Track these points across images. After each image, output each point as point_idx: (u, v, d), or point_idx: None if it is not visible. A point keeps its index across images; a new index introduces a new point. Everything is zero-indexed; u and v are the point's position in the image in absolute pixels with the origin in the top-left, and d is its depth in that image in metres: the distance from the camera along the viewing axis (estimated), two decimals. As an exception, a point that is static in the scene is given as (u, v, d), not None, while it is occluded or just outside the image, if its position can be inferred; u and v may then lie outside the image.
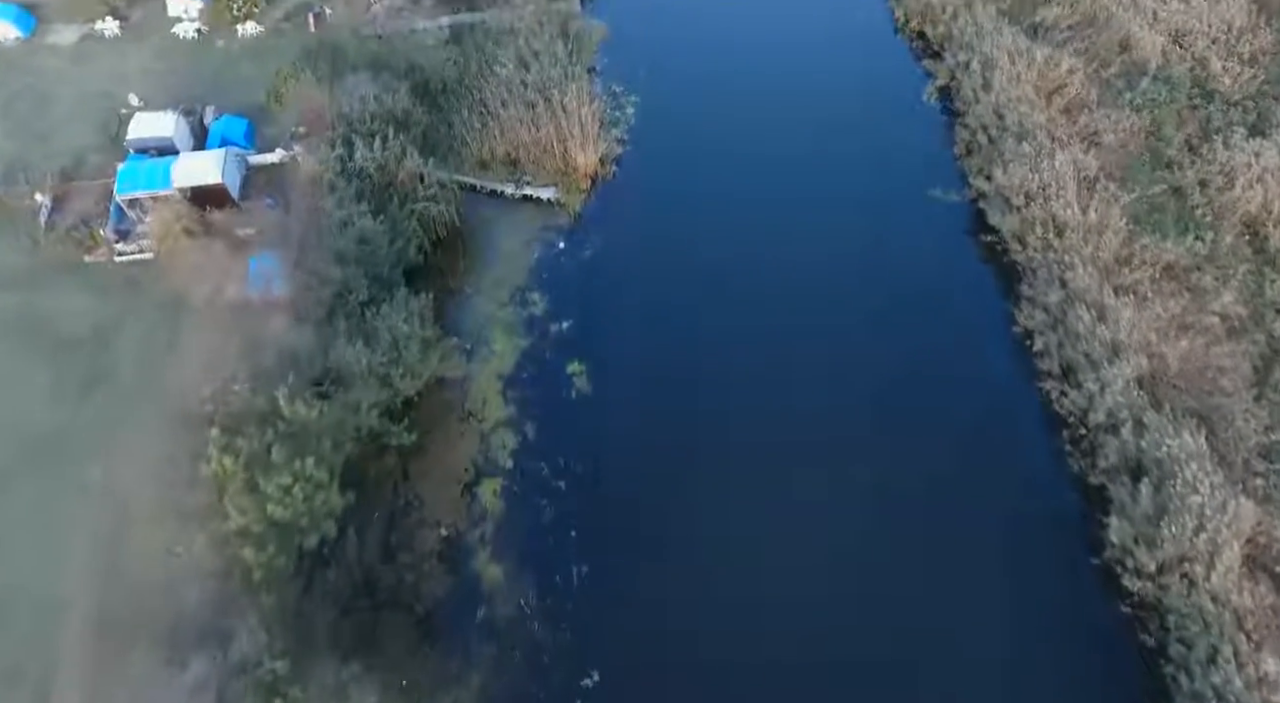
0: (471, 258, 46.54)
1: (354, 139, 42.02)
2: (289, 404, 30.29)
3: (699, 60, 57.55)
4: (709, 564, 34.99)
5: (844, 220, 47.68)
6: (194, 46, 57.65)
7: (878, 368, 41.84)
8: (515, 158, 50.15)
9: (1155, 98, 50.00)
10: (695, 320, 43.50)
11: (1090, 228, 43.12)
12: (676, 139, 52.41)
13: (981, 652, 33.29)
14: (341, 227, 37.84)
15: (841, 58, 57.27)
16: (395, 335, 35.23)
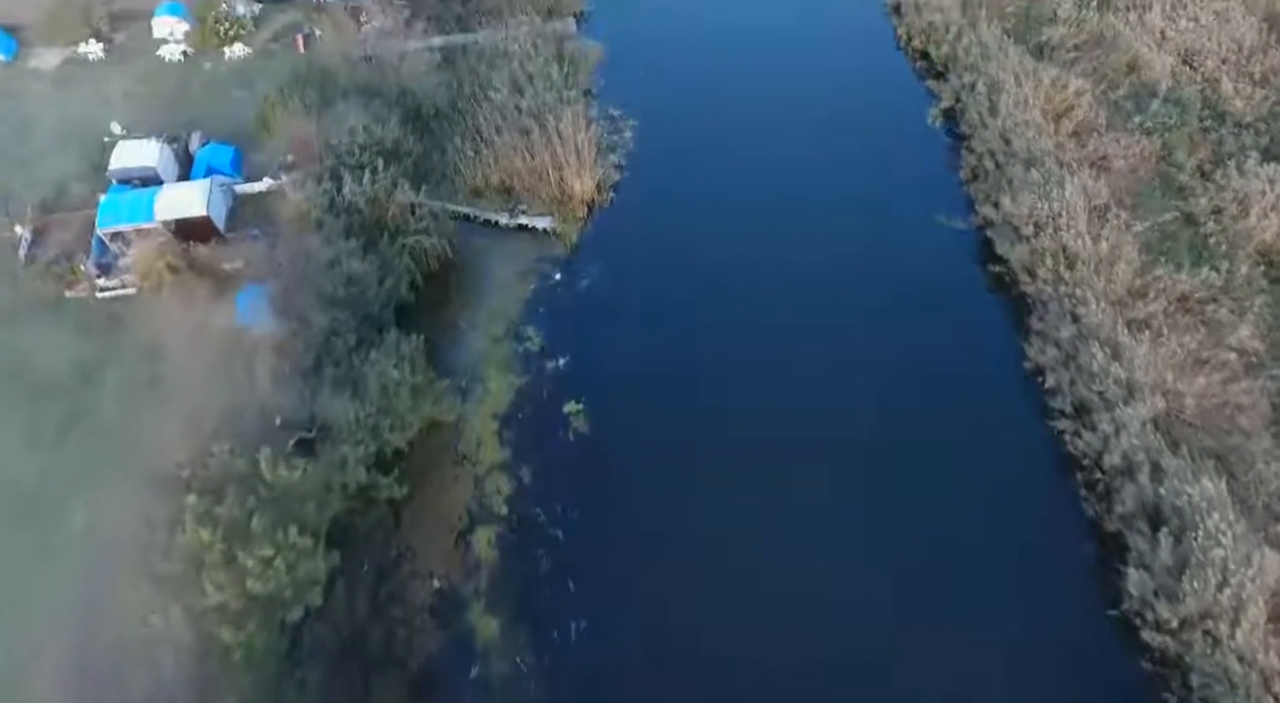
0: (465, 291, 45.16)
1: (343, 172, 40.65)
2: (271, 467, 28.92)
3: (699, 81, 56.24)
4: (714, 622, 33.59)
5: (849, 249, 46.35)
6: (180, 69, 56.27)
7: (887, 403, 40.41)
8: (510, 185, 48.84)
9: (1165, 121, 48.79)
10: (696, 356, 42.13)
11: (1102, 259, 41.90)
12: (676, 165, 51.11)
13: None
14: (329, 267, 36.50)
15: (844, 78, 55.96)
16: (385, 383, 33.89)
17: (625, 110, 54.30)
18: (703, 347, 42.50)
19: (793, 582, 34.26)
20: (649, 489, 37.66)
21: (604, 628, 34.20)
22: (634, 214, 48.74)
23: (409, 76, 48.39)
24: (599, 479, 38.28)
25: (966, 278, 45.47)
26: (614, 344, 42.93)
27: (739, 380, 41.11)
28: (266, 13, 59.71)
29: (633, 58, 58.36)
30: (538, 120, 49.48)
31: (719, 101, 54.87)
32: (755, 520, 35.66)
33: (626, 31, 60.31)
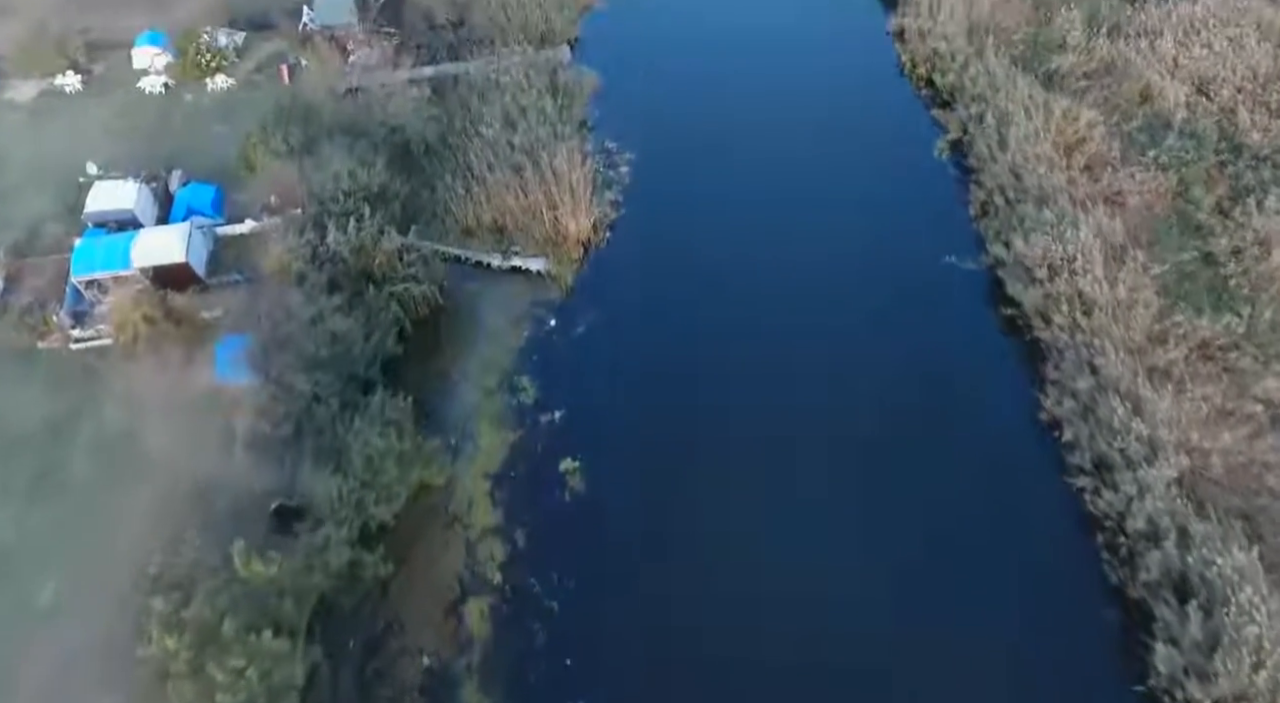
0: (456, 339, 43.34)
1: (326, 221, 38.82)
2: (245, 561, 27.07)
3: (696, 111, 54.53)
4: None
5: (856, 290, 44.53)
6: (161, 102, 54.46)
7: (897, 455, 38.69)
8: (503, 225, 47.03)
9: (1181, 155, 47.13)
10: (696, 409, 40.21)
11: (1120, 305, 40.23)
12: (674, 202, 49.29)
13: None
14: (311, 325, 34.67)
15: (847, 107, 54.24)
16: (370, 453, 32.09)
17: (621, 143, 52.53)
18: (703, 399, 40.63)
19: (806, 663, 32.58)
20: (649, 555, 35.77)
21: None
22: (631, 255, 46.93)
23: (397, 112, 46.56)
24: (596, 544, 36.44)
25: (978, 322, 43.70)
26: (611, 395, 41.06)
27: (742, 437, 39.26)
28: (250, 42, 57.98)
29: (629, 87, 56.60)
30: (531, 157, 47.69)
31: (717, 132, 53.12)
32: (766, 595, 33.88)
33: (622, 59, 58.56)
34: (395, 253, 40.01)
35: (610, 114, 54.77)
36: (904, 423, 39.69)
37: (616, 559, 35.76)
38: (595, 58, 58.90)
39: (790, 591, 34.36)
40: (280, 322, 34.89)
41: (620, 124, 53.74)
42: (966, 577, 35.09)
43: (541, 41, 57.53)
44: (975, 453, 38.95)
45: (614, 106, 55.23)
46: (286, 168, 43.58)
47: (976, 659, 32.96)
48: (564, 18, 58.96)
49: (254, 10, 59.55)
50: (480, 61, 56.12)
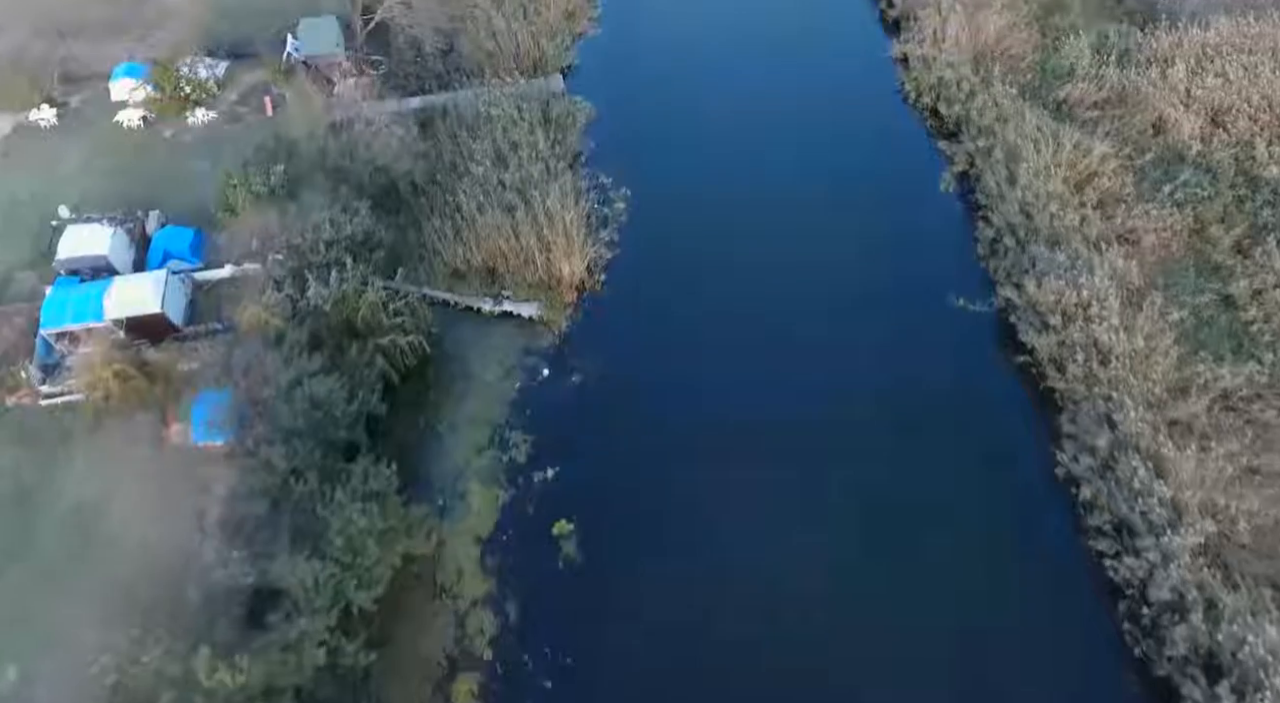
0: (444, 390, 41.48)
1: (307, 273, 37.00)
2: (209, 671, 25.19)
3: (695, 142, 52.68)
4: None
5: (862, 336, 42.62)
6: (139, 137, 52.46)
7: (909, 512, 36.95)
8: (493, 267, 45.19)
9: (1197, 191, 45.46)
10: (695, 464, 38.45)
11: (1137, 355, 38.54)
12: (672, 239, 47.40)
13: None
14: (290, 389, 32.83)
15: (850, 138, 52.47)
16: (351, 531, 30.25)
17: (617, 177, 50.58)
18: (701, 454, 38.89)
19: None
20: (646, 626, 34.10)
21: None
22: (627, 299, 45.09)
23: (382, 149, 44.69)
24: (591, 615, 34.61)
25: (989, 369, 41.92)
26: (607, 451, 39.21)
27: (745, 495, 37.43)
28: (233, 72, 56.02)
29: (624, 116, 54.75)
30: (523, 195, 45.87)
31: (716, 165, 51.31)
32: (771, 652, 32.08)
33: (618, 86, 56.74)
34: (380, 303, 38.19)
35: (605, 146, 52.95)
36: (915, 479, 37.94)
37: (613, 632, 33.97)
38: (590, 85, 57.06)
39: (804, 664, 32.76)
40: (256, 387, 33.05)
41: (616, 157, 51.90)
42: (980, 644, 33.45)
43: (534, 69, 55.73)
44: (990, 512, 37.15)
45: (609, 138, 53.42)
46: (267, 211, 41.77)
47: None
48: (556, 44, 57.18)
49: (236, 38, 57.62)
50: (470, 91, 54.33)
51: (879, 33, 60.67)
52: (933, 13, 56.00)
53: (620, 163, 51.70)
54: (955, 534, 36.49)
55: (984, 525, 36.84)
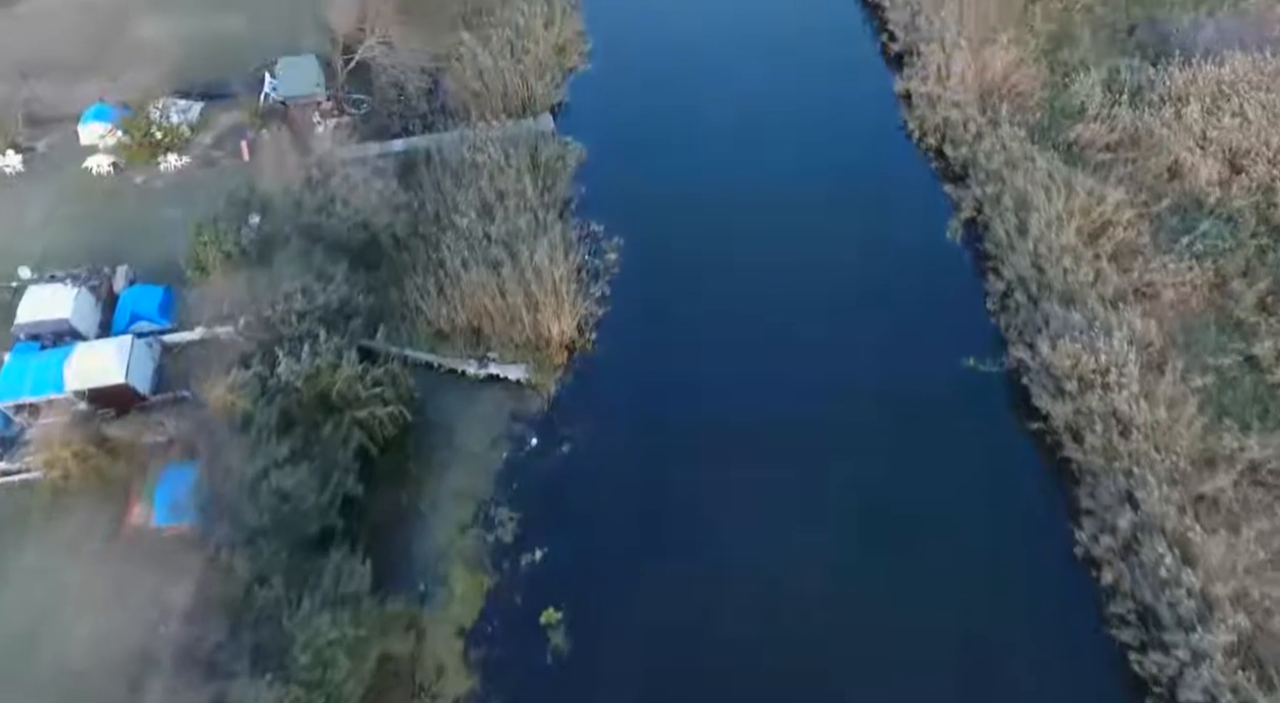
0: (426, 462, 39.16)
1: (277, 350, 34.78)
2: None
3: (690, 186, 50.20)
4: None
5: (868, 398, 40.23)
6: (109, 185, 50.21)
7: (921, 596, 34.79)
8: (479, 326, 42.94)
9: (1217, 242, 43.39)
10: (694, 543, 36.42)
11: (1159, 427, 36.41)
12: (667, 294, 45.11)
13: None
14: (256, 483, 30.57)
15: (852, 181, 50.09)
16: (319, 644, 27.99)
17: (609, 225, 48.34)
18: (700, 532, 36.77)
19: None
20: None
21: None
22: (620, 360, 42.77)
23: (361, 204, 42.42)
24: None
25: (1001, 436, 39.66)
26: (599, 530, 36.96)
27: (744, 579, 35.44)
28: (208, 113, 53.67)
29: (617, 157, 52.45)
30: (509, 250, 43.61)
31: (712, 211, 48.90)
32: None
33: (610, 126, 54.46)
34: (357, 375, 35.95)
35: (597, 190, 50.67)
36: (927, 556, 35.82)
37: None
38: (581, 124, 54.78)
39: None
40: (219, 480, 30.82)
41: (608, 202, 49.65)
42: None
43: (523, 109, 53.47)
44: (1007, 595, 34.93)
45: (601, 182, 51.14)
46: (238, 272, 39.56)
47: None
48: (546, 82, 54.81)
49: (212, 78, 55.33)
50: (456, 133, 52.08)
51: (881, 67, 58.38)
52: (936, 48, 53.78)
53: (612, 208, 49.50)
54: (970, 619, 34.32)
55: (1000, 610, 34.56)
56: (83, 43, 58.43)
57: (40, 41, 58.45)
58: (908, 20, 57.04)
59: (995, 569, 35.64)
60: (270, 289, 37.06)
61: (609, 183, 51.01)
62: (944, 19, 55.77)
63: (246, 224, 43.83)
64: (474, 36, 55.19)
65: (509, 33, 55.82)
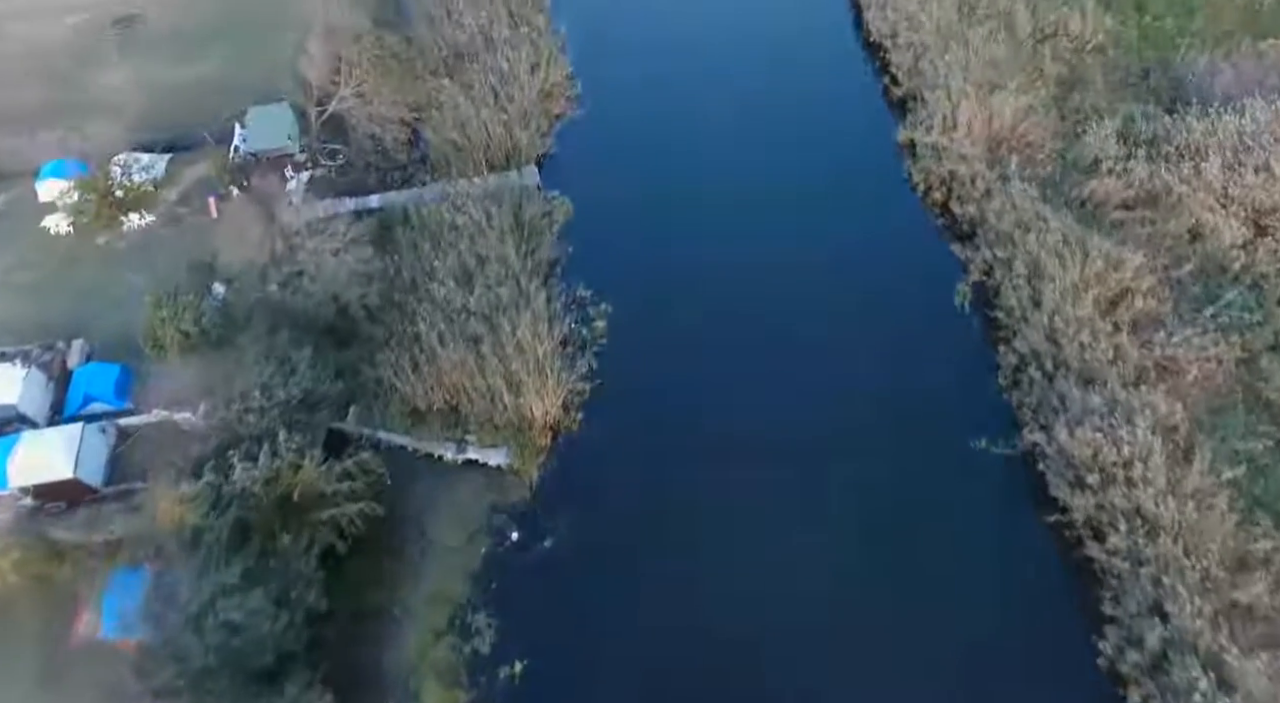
0: (398, 561, 36.43)
1: (232, 455, 32.07)
2: None
3: (684, 245, 47.51)
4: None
5: (874, 484, 37.69)
6: (68, 246, 47.39)
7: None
8: (457, 405, 40.29)
9: (1243, 314, 40.81)
10: (686, 654, 33.67)
11: (1188, 528, 33.78)
12: (658, 366, 42.37)
13: None
14: (203, 615, 27.77)
15: (854, 239, 47.46)
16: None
17: (598, 289, 45.58)
18: (693, 640, 33.97)
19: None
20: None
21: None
22: (608, 442, 40.00)
23: (333, 275, 39.61)
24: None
25: (1016, 530, 36.94)
26: (582, 641, 34.22)
27: (747, 688, 32.79)
28: (175, 166, 50.89)
29: (607, 213, 49.61)
30: (490, 323, 40.94)
31: (707, 272, 46.27)
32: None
33: (600, 177, 51.48)
34: (322, 474, 33.26)
35: (585, 251, 47.93)
36: (939, 661, 33.23)
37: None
38: (569, 177, 51.92)
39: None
40: (164, 610, 28.10)
41: (596, 264, 46.91)
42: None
43: (506, 161, 50.73)
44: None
45: (589, 240, 48.39)
46: (197, 356, 36.90)
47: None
48: (531, 131, 51.96)
49: (180, 127, 52.57)
50: (436, 187, 49.39)
51: (884, 110, 55.53)
52: (941, 96, 51.17)
53: (601, 270, 46.77)
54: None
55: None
56: (44, 89, 55.81)
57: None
58: (910, 64, 54.40)
59: (1016, 682, 33.03)
60: (227, 382, 34.37)
61: (598, 241, 48.30)
62: (949, 63, 53.22)
63: (210, 294, 41.33)
64: (455, 84, 52.48)
65: (492, 79, 53.07)
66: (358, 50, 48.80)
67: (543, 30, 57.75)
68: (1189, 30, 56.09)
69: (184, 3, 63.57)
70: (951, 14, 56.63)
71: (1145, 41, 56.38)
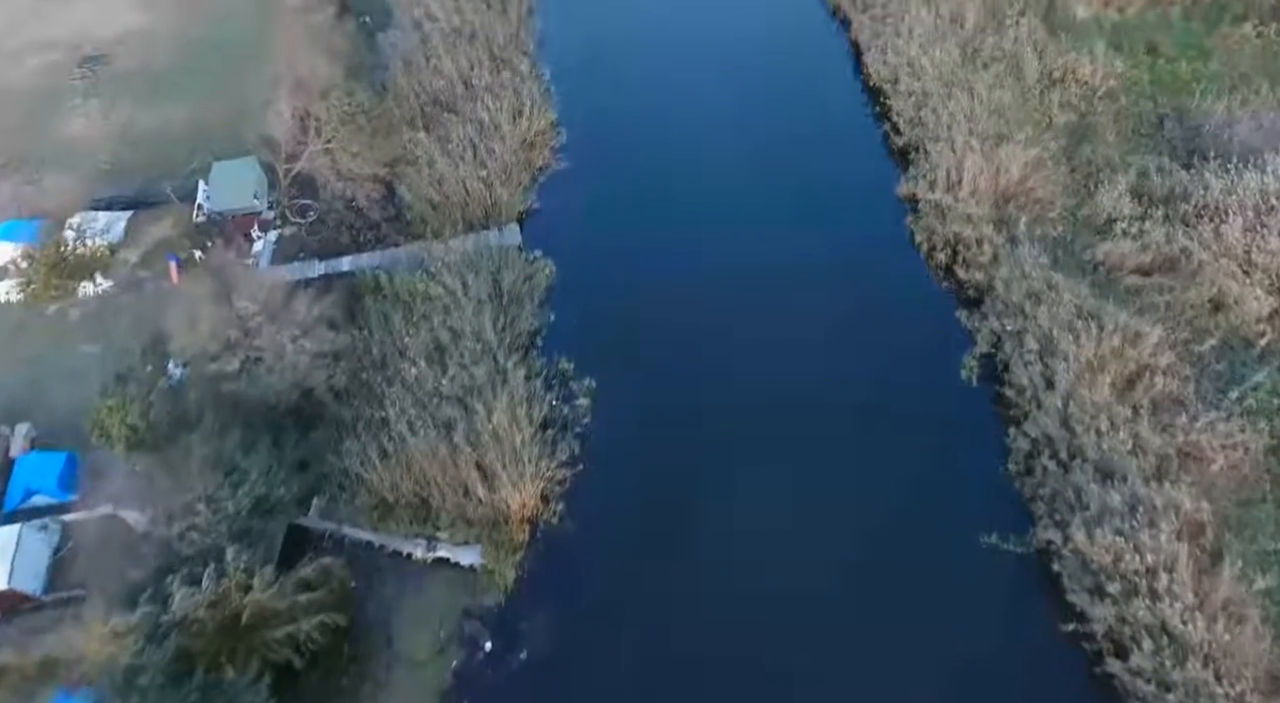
0: (360, 677, 33.33)
1: (172, 581, 29.31)
2: None
3: (673, 310, 44.53)
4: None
5: (878, 589, 34.88)
6: (17, 317, 44.68)
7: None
8: (427, 496, 37.49)
9: (1271, 399, 38.04)
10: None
11: (1221, 651, 31.09)
12: (647, 450, 39.59)
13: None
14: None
15: (855, 303, 44.59)
16: None
17: (581, 361, 42.64)
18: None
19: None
20: None
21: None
22: (592, 536, 37.10)
23: (294, 361, 36.79)
24: None
25: (1031, 639, 34.11)
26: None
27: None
28: (137, 224, 48.19)
29: (592, 276, 46.69)
30: (464, 406, 38.20)
31: (698, 342, 43.60)
32: None
33: (585, 235, 48.68)
34: (278, 590, 30.51)
35: (568, 318, 45.01)
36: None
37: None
38: (552, 234, 48.99)
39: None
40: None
41: (580, 333, 44.03)
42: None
43: (485, 218, 47.95)
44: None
45: (573, 307, 45.44)
46: (146, 448, 34.14)
47: None
48: (513, 187, 49.07)
49: (143, 179, 49.90)
50: (412, 248, 46.67)
51: (885, 160, 52.90)
52: (945, 148, 48.48)
53: (585, 340, 43.97)
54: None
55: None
56: (1, 137, 53.22)
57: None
58: (912, 113, 51.62)
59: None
60: (170, 494, 31.59)
61: (582, 308, 45.37)
62: (952, 112, 50.54)
63: (167, 374, 38.63)
64: (432, 137, 49.65)
65: (471, 131, 50.21)
66: (326, 107, 45.98)
67: (526, 76, 54.85)
68: (1204, 74, 53.67)
69: (153, 42, 61.11)
70: (955, 58, 54.10)
71: (1158, 86, 53.67)
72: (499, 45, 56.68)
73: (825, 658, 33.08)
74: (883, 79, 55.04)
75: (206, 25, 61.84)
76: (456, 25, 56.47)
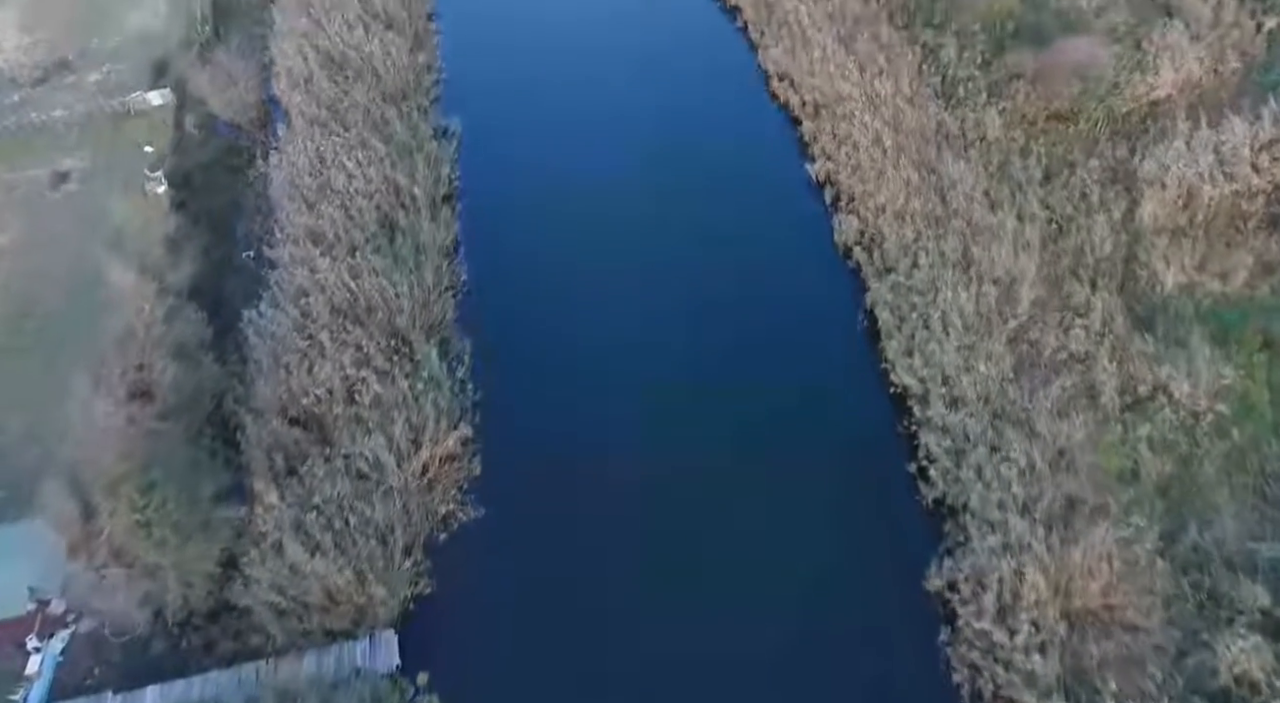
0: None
1: None
2: None
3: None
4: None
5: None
6: None
7: None
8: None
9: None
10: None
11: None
12: None
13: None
14: None
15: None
16: None
17: None
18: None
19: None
20: None
21: None
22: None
23: None
24: None
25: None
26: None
27: None
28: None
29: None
30: None
31: None
32: None
33: (509, 643, 34.79)
34: None
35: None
36: None
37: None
38: (455, 647, 33.83)
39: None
40: None
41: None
42: None
43: (354, 625, 34.26)
44: None
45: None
46: None
47: None
48: (396, 571, 34.84)
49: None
50: (247, 669, 33.03)
51: (909, 507, 38.94)
52: (996, 545, 33.50)
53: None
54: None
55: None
56: None
57: None
58: (948, 462, 37.10)
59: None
60: None
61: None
62: (1003, 475, 35.88)
63: None
64: (286, 500, 36.00)
65: (347, 482, 36.71)
66: (110, 508, 32.42)
67: (435, 376, 41.09)
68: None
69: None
70: (1005, 367, 39.83)
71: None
72: (405, 318, 42.98)
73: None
74: (911, 394, 40.90)
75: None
76: (349, 297, 42.92)
